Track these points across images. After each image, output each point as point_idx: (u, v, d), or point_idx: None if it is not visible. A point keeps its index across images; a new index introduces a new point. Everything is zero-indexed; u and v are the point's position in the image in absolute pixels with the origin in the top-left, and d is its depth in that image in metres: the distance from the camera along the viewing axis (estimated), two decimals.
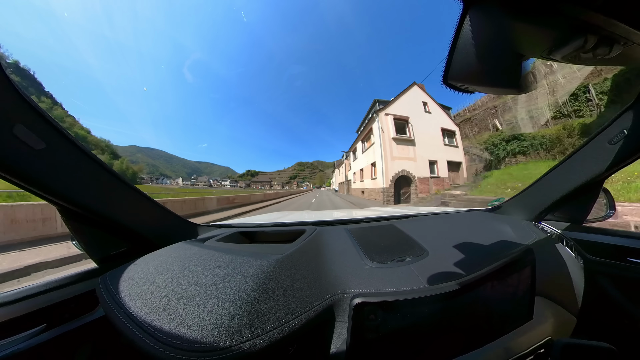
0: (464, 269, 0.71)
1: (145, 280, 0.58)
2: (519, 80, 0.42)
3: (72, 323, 0.68)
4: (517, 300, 0.63)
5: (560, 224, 1.07)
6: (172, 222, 1.06)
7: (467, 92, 0.45)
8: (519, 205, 1.27)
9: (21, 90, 0.54)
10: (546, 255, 0.89)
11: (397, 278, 0.68)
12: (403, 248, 0.89)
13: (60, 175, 0.63)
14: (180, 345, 0.40)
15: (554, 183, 1.08)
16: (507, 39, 0.39)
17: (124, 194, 0.82)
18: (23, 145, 0.55)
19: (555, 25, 0.38)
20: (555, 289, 0.80)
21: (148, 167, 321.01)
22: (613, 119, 0.82)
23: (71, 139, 0.65)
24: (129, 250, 0.88)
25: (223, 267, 0.63)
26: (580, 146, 0.95)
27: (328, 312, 0.59)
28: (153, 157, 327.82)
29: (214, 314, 0.46)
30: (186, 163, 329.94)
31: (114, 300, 0.51)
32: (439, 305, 0.54)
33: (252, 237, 1.22)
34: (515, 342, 0.63)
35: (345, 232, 1.07)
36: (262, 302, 0.51)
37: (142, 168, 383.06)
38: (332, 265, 0.77)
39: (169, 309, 0.47)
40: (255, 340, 0.43)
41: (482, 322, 0.59)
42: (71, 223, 0.75)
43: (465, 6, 0.36)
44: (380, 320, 0.51)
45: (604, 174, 0.88)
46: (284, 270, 0.65)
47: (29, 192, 0.61)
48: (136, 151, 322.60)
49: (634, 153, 0.78)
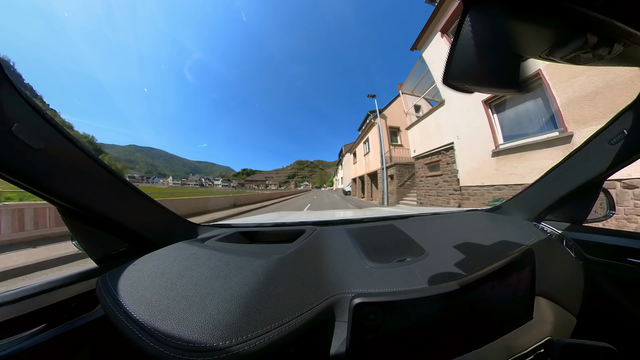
0: (464, 269, 0.71)
1: (145, 280, 0.58)
2: (519, 80, 0.42)
3: (72, 323, 0.68)
4: (517, 300, 0.63)
5: (560, 224, 1.07)
6: (172, 222, 1.06)
7: (468, 92, 0.45)
8: (519, 205, 1.27)
9: (21, 90, 0.54)
10: (546, 255, 0.89)
11: (397, 278, 0.68)
12: (403, 248, 0.89)
13: (60, 175, 0.63)
14: (179, 345, 0.40)
15: (554, 183, 1.08)
16: (507, 39, 0.39)
17: (123, 193, 0.82)
18: (23, 145, 0.55)
19: (555, 25, 0.38)
20: (555, 289, 0.80)
21: (147, 166, 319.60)
22: (613, 119, 0.82)
23: (71, 139, 0.65)
24: (128, 250, 0.88)
25: (223, 267, 0.63)
26: (580, 146, 0.95)
27: (328, 312, 0.59)
28: (152, 157, 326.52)
29: (214, 314, 0.46)
30: (186, 163, 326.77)
31: (114, 300, 0.51)
32: (439, 305, 0.54)
33: (252, 237, 1.22)
34: (515, 342, 0.63)
35: (345, 232, 1.07)
36: (262, 302, 0.51)
37: (127, 166, 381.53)
38: (332, 265, 0.77)
39: (168, 309, 0.47)
40: (255, 340, 0.43)
41: (482, 322, 0.59)
42: (71, 223, 0.75)
43: (465, 6, 0.36)
44: (380, 320, 0.51)
45: (604, 174, 0.88)
46: (283, 270, 0.65)
47: (29, 192, 0.60)
48: (135, 150, 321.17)
49: (634, 153, 0.78)
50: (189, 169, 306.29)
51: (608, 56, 0.39)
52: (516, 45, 0.40)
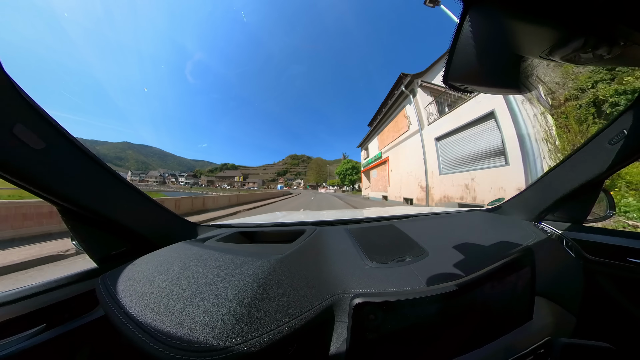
0: (464, 269, 0.71)
1: (144, 280, 0.58)
2: (519, 80, 0.42)
3: (72, 323, 0.68)
4: (517, 300, 0.63)
5: (561, 224, 1.07)
6: (172, 222, 1.06)
7: (468, 92, 0.45)
8: (518, 205, 1.27)
9: (21, 89, 0.54)
10: (546, 255, 0.89)
11: (397, 278, 0.68)
12: (403, 248, 0.89)
13: (60, 175, 0.63)
14: (179, 345, 0.40)
15: (554, 183, 1.08)
16: (507, 39, 0.39)
17: (123, 193, 0.82)
18: (23, 145, 0.55)
19: (555, 26, 0.38)
20: (555, 289, 0.80)
21: (137, 163, 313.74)
22: (613, 119, 0.82)
23: (71, 139, 0.65)
24: (128, 250, 0.88)
25: (223, 267, 0.63)
26: (580, 146, 0.95)
27: (328, 312, 0.59)
28: (146, 155, 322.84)
29: (214, 314, 0.46)
30: (182, 161, 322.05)
31: (114, 300, 0.51)
32: (439, 305, 0.54)
33: (252, 237, 1.22)
34: (515, 342, 0.63)
35: (345, 232, 1.07)
36: (262, 302, 0.51)
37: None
38: (332, 265, 0.77)
39: (168, 309, 0.47)
40: (254, 341, 0.43)
41: (481, 322, 0.59)
42: (71, 223, 0.75)
43: (465, 6, 0.36)
44: (380, 321, 0.51)
45: (604, 174, 0.88)
46: (283, 270, 0.65)
47: (29, 192, 0.61)
48: (127, 147, 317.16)
49: (634, 153, 0.78)
50: (185, 167, 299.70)
51: (608, 56, 0.39)
52: (516, 46, 0.40)
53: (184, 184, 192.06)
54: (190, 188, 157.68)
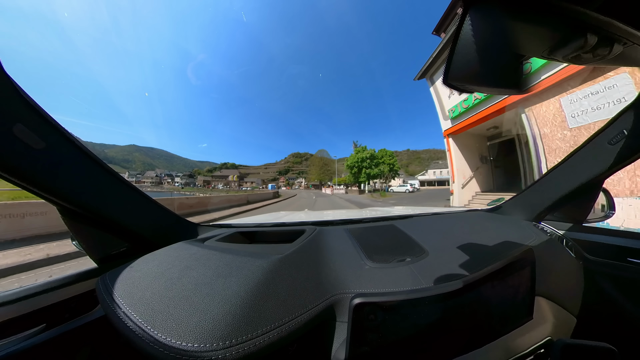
0: (464, 269, 0.71)
1: (144, 280, 0.58)
2: (519, 80, 0.42)
3: (72, 323, 0.68)
4: (517, 300, 0.63)
5: (561, 224, 1.07)
6: (172, 222, 1.06)
7: (468, 92, 0.45)
8: (519, 205, 1.27)
9: (21, 89, 0.54)
10: (546, 255, 0.89)
11: (397, 278, 0.68)
12: (403, 248, 0.89)
13: (60, 175, 0.63)
14: (179, 345, 0.40)
15: (554, 183, 1.08)
16: (507, 39, 0.39)
17: (123, 193, 0.82)
18: (23, 145, 0.55)
19: (555, 25, 0.38)
20: (555, 289, 0.80)
21: (144, 165, 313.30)
22: (613, 119, 0.82)
23: (71, 139, 0.65)
24: (128, 250, 0.88)
25: (223, 267, 0.63)
26: (580, 146, 0.95)
27: (328, 312, 0.59)
28: (152, 157, 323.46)
29: (214, 314, 0.46)
30: (187, 162, 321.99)
31: (114, 300, 0.51)
32: (439, 306, 0.54)
33: (252, 237, 1.22)
34: (515, 342, 0.63)
35: (345, 232, 1.07)
36: (262, 302, 0.51)
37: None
38: (332, 265, 0.77)
39: (168, 309, 0.47)
40: (255, 341, 0.43)
41: (482, 322, 0.59)
42: (71, 223, 0.75)
43: (465, 6, 0.36)
44: (380, 320, 0.51)
45: (604, 174, 0.88)
46: (284, 270, 0.65)
47: (29, 191, 0.60)
48: (134, 150, 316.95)
49: (633, 153, 0.78)
50: (190, 168, 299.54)
51: (608, 56, 0.39)
52: (516, 45, 0.40)
53: (178, 184, 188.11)
54: (181, 189, 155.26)
